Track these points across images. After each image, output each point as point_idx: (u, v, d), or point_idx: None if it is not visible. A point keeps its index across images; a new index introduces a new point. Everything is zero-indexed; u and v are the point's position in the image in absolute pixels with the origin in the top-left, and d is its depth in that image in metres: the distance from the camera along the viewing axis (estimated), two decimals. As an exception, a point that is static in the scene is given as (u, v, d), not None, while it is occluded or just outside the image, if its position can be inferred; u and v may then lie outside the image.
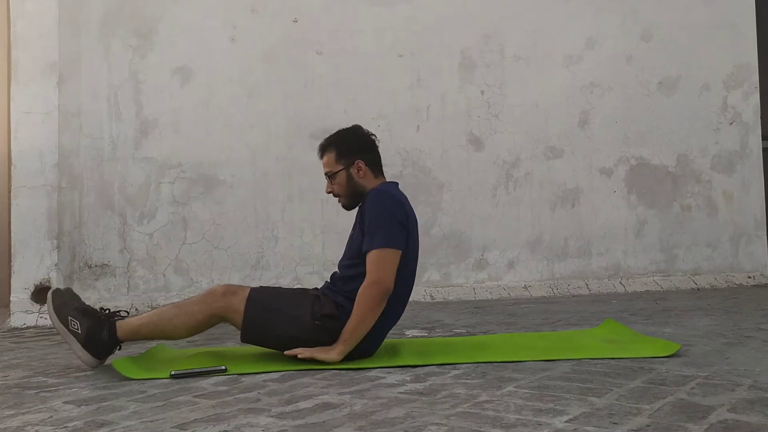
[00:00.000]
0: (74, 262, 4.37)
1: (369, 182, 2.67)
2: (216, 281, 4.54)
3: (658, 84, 5.23)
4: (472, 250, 4.92)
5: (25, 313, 4.05)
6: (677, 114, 5.25)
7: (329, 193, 2.70)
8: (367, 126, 4.71)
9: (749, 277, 5.24)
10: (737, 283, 5.16)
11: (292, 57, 4.73)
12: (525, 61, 5.04)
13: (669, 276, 5.15)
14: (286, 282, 4.63)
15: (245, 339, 2.54)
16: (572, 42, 5.11)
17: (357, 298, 2.45)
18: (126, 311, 2.60)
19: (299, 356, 2.40)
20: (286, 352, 2.46)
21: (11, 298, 4.09)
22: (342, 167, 2.64)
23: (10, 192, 4.18)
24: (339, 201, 2.71)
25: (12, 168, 4.16)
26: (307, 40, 4.75)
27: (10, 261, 4.15)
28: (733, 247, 5.31)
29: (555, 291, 4.88)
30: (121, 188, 4.49)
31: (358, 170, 2.65)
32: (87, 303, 2.61)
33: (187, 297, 4.45)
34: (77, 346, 2.42)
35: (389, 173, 4.77)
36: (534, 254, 5.00)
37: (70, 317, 2.43)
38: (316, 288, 2.70)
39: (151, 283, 4.49)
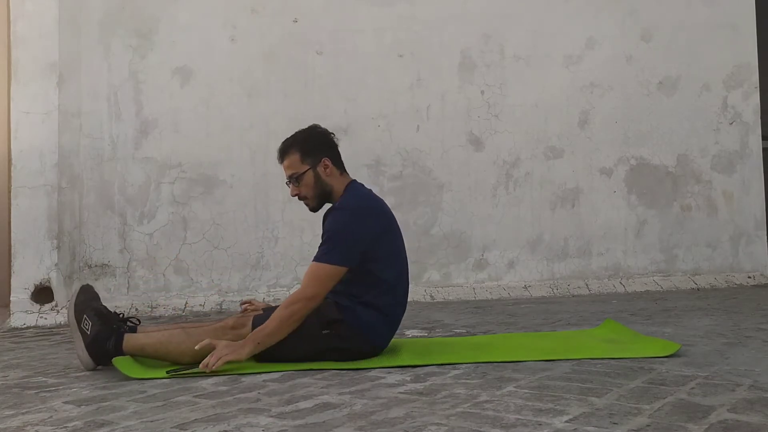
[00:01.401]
0: (74, 262, 4.37)
1: (335, 180, 2.62)
2: (216, 281, 4.55)
3: (658, 84, 5.23)
4: (472, 250, 4.92)
5: (25, 313, 4.05)
6: (677, 114, 5.25)
7: (294, 196, 2.63)
8: (367, 126, 4.78)
9: (749, 277, 5.24)
10: (737, 283, 5.16)
11: (292, 57, 4.73)
12: (525, 61, 5.04)
13: (669, 276, 5.15)
14: (286, 282, 4.63)
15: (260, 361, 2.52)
16: (572, 42, 5.11)
17: (284, 306, 2.41)
18: (138, 320, 2.60)
19: (213, 368, 2.28)
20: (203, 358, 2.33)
21: (11, 298, 4.09)
22: (308, 167, 2.59)
23: (10, 192, 4.18)
24: (306, 203, 2.65)
25: (12, 168, 4.16)
26: (307, 40, 4.75)
27: (10, 261, 4.16)
28: (733, 247, 5.31)
29: (555, 291, 4.88)
30: (121, 188, 4.49)
31: (324, 168, 2.59)
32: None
33: (186, 297, 4.47)
34: (80, 345, 2.43)
35: (389, 173, 4.81)
36: (534, 254, 5.00)
37: (85, 315, 2.44)
38: None
39: (151, 283, 4.49)
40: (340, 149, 2.73)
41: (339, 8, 4.81)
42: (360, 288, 2.51)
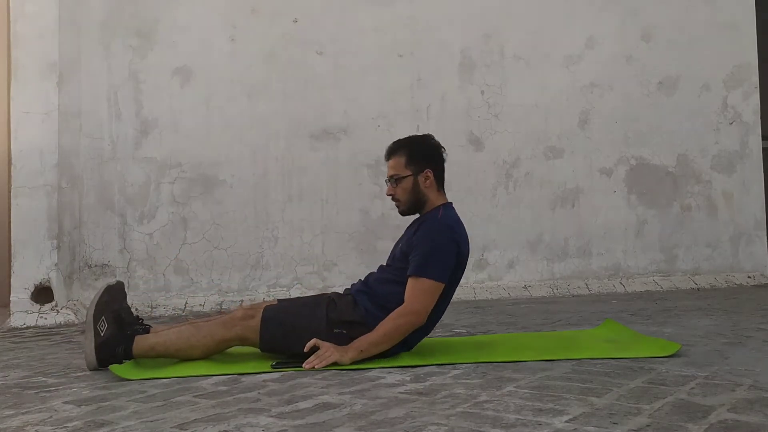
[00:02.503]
0: (74, 262, 4.37)
1: (432, 194, 2.63)
2: (216, 281, 4.55)
3: (658, 84, 5.23)
4: (472, 250, 4.85)
5: (25, 313, 4.05)
6: (677, 114, 5.25)
7: (389, 195, 2.67)
8: (367, 126, 4.78)
9: (749, 277, 5.24)
10: (737, 283, 5.16)
11: (292, 57, 4.73)
12: (525, 61, 5.04)
13: (669, 276, 5.15)
14: (286, 282, 4.63)
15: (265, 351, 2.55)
16: (572, 42, 5.11)
17: (390, 319, 2.43)
18: (149, 325, 2.60)
19: (317, 367, 2.35)
20: (305, 365, 2.39)
21: (11, 298, 4.09)
22: (410, 173, 2.61)
23: (10, 192, 4.18)
24: (397, 205, 2.66)
25: (12, 168, 4.16)
26: (307, 40, 4.75)
27: (10, 261, 4.15)
28: (733, 247, 5.31)
29: (555, 291, 4.88)
30: (121, 188, 4.49)
31: (425, 179, 2.61)
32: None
33: (186, 297, 4.47)
34: (90, 345, 2.43)
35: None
36: (534, 254, 5.00)
37: (103, 317, 2.44)
38: (336, 293, 2.69)
39: (151, 283, 4.49)
40: (339, 149, 2.73)
41: (339, 8, 4.81)
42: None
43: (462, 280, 4.81)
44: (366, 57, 4.82)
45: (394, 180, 2.63)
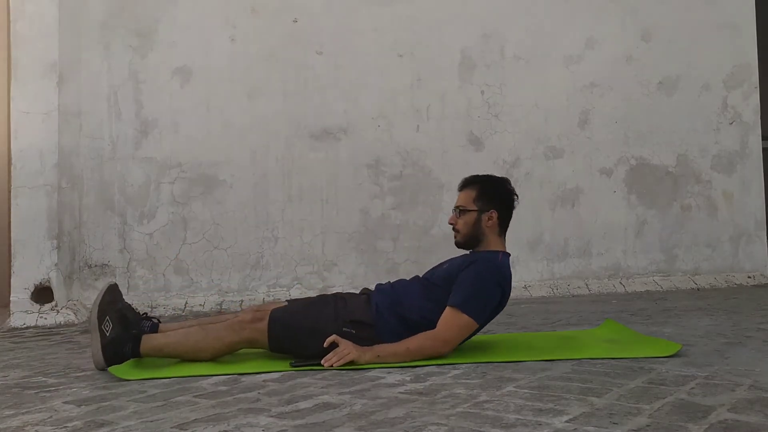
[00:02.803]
0: (74, 262, 4.37)
1: (491, 236, 2.64)
2: (216, 281, 4.55)
3: (658, 84, 5.23)
4: (472, 250, 4.91)
5: (25, 313, 4.05)
6: (677, 114, 5.25)
7: (451, 224, 2.69)
8: (367, 126, 4.78)
9: (749, 277, 5.24)
10: (737, 283, 5.16)
11: (292, 57, 4.73)
12: (525, 61, 5.04)
13: (669, 276, 5.15)
14: (286, 282, 4.63)
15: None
16: (572, 42, 5.11)
17: (418, 337, 2.43)
18: (158, 319, 2.60)
19: (335, 366, 2.35)
20: (324, 362, 2.40)
21: (11, 298, 4.09)
22: (476, 209, 2.63)
23: (10, 192, 4.18)
24: (455, 235, 2.69)
25: (12, 168, 4.16)
26: (307, 40, 4.75)
27: (10, 261, 4.15)
28: (733, 247, 5.31)
29: (555, 291, 4.88)
30: (121, 188, 4.49)
31: (488, 219, 2.63)
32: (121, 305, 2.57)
33: (186, 297, 4.47)
34: (97, 345, 2.42)
35: (389, 173, 4.81)
36: (534, 254, 5.00)
37: (108, 317, 2.44)
38: (349, 293, 2.71)
39: (151, 283, 4.49)
40: (339, 149, 2.73)
41: (339, 8, 4.81)
42: (430, 320, 2.49)
43: (462, 280, 4.85)
44: (366, 57, 4.82)
45: (459, 210, 2.67)
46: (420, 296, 2.57)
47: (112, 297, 2.50)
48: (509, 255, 2.68)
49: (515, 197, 2.71)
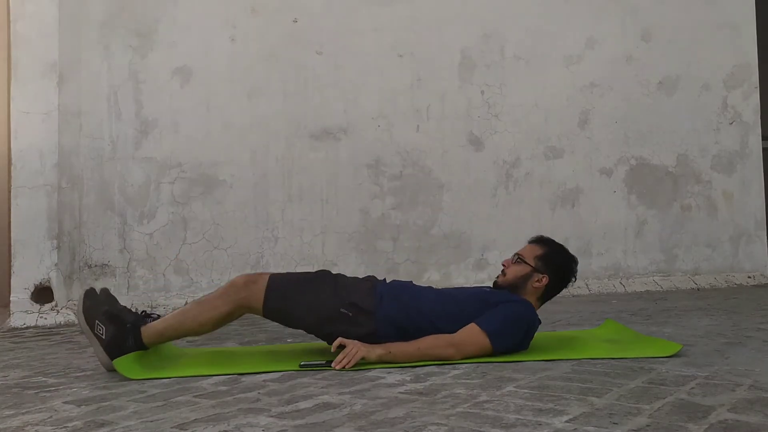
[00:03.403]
0: (74, 262, 4.37)
1: (531, 296, 2.65)
2: (216, 281, 4.54)
3: (658, 84, 5.23)
4: (472, 250, 4.92)
5: (25, 313, 4.05)
6: (677, 114, 5.25)
7: (503, 266, 2.71)
8: (367, 126, 4.78)
9: (749, 277, 5.24)
10: (737, 283, 5.16)
11: (292, 57, 4.73)
12: (525, 61, 5.04)
13: (669, 276, 5.15)
14: (286, 282, 4.63)
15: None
16: (572, 42, 5.11)
17: (433, 338, 2.44)
18: (158, 315, 2.60)
19: (347, 367, 2.35)
20: (333, 346, 2.42)
21: (11, 298, 4.09)
22: (532, 267, 2.65)
23: (10, 192, 4.18)
24: (503, 275, 2.70)
25: (12, 168, 4.16)
26: (307, 40, 4.75)
27: (10, 261, 4.15)
28: (733, 247, 5.31)
29: (555, 291, 4.87)
30: (121, 188, 4.49)
31: (537, 281, 2.64)
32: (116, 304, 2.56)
33: (186, 297, 4.47)
34: (99, 349, 2.42)
35: (389, 173, 4.81)
36: (534, 254, 4.99)
37: (97, 321, 2.42)
38: (354, 277, 2.71)
39: (151, 283, 4.49)
40: (339, 149, 2.73)
41: (339, 8, 4.81)
42: (435, 325, 2.50)
43: (462, 280, 4.86)
44: (366, 57, 4.81)
45: (518, 258, 2.69)
46: (433, 300, 2.58)
47: (92, 301, 2.48)
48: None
49: (573, 278, 2.73)
